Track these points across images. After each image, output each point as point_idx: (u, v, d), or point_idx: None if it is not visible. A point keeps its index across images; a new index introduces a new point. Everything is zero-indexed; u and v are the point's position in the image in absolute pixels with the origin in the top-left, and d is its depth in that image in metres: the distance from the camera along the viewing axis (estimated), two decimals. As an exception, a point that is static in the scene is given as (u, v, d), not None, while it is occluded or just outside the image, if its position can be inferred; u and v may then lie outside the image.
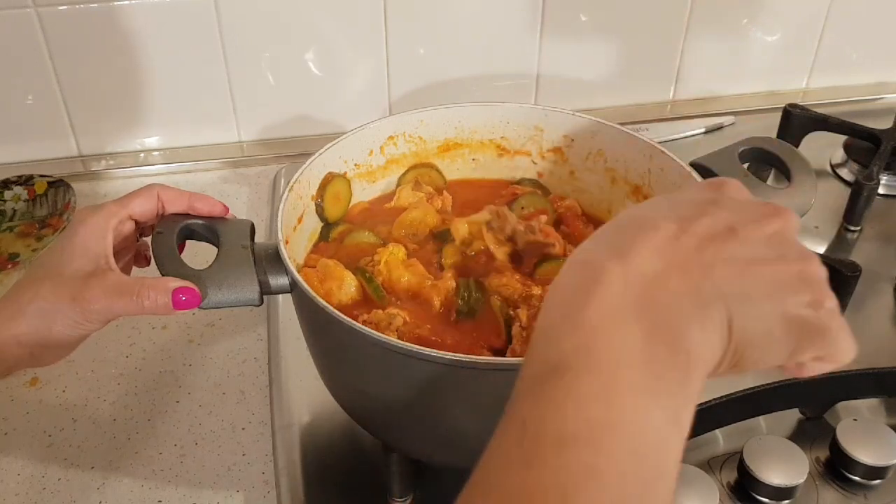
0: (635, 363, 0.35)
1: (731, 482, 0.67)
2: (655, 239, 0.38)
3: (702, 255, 0.38)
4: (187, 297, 0.55)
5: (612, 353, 0.35)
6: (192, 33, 0.98)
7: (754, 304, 0.38)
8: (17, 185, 0.96)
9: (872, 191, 0.90)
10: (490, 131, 0.77)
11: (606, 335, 0.36)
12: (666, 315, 0.36)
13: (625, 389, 0.35)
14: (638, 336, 0.36)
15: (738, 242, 0.39)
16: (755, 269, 0.38)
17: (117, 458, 0.71)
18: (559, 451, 0.33)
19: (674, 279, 0.37)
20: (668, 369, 0.35)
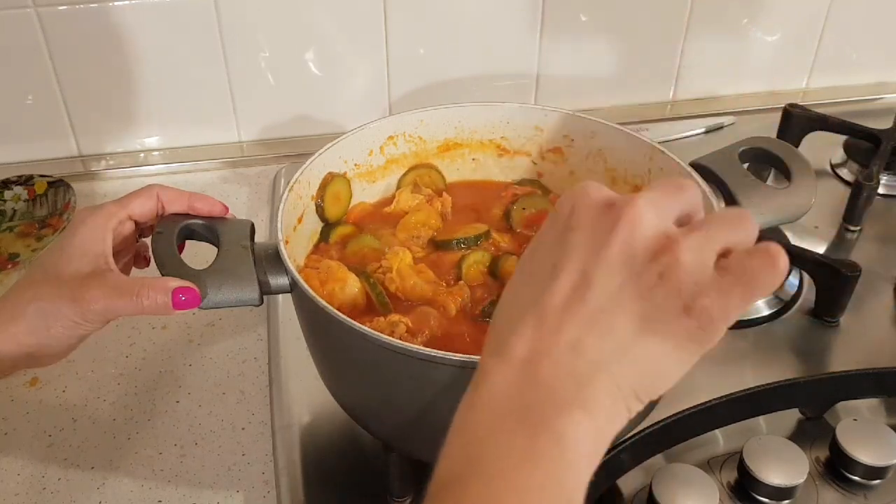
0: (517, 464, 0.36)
1: (731, 482, 0.67)
2: (523, 332, 0.39)
3: (565, 334, 0.38)
4: (187, 297, 0.55)
5: (497, 459, 0.37)
6: (192, 33, 0.98)
7: (627, 349, 0.38)
8: (17, 184, 0.96)
9: (872, 191, 0.90)
10: (490, 131, 0.77)
11: (491, 444, 0.37)
12: (543, 410, 0.37)
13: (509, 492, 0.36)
14: (520, 437, 0.37)
15: (594, 290, 0.38)
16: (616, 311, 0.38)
17: (117, 458, 0.71)
18: None
19: (546, 369, 0.38)
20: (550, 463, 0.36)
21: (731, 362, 0.77)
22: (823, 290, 0.79)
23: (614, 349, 0.38)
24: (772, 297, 0.82)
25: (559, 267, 0.40)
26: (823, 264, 0.78)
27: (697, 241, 0.39)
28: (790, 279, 0.83)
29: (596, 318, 0.38)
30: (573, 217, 0.41)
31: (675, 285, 0.38)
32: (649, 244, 0.39)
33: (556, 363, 0.38)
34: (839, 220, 0.93)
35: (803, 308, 0.81)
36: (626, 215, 0.39)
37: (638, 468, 0.67)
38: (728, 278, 0.38)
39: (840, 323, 0.80)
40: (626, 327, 0.38)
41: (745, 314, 0.80)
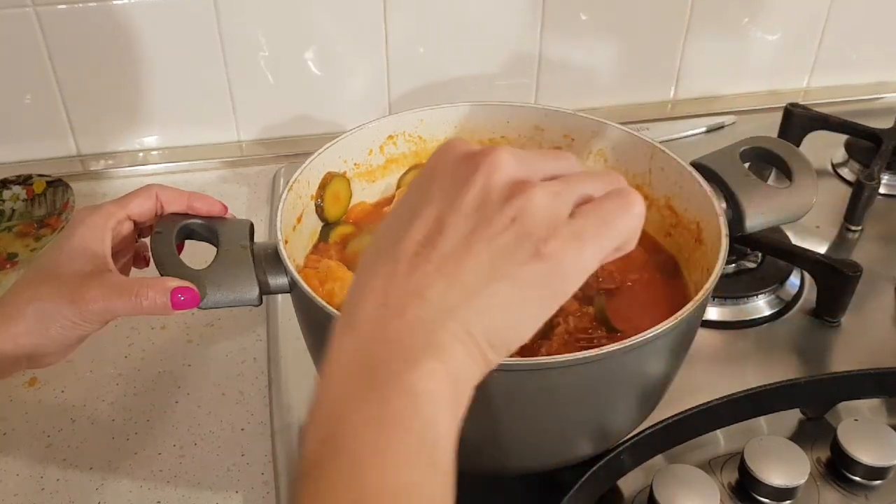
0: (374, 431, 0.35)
1: (731, 483, 0.67)
2: (374, 285, 0.38)
3: (413, 280, 0.37)
4: (186, 297, 0.55)
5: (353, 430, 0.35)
6: (192, 33, 0.98)
7: (474, 292, 0.37)
8: (16, 184, 0.96)
9: (873, 190, 0.90)
10: (490, 131, 0.77)
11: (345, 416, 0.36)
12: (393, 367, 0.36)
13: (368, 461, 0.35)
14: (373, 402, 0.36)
15: (447, 235, 0.37)
16: (465, 257, 0.37)
17: (116, 459, 0.70)
18: None
19: (393, 324, 0.37)
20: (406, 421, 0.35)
21: (732, 362, 0.76)
22: (824, 290, 0.79)
23: (462, 295, 0.37)
24: (773, 297, 0.81)
25: (415, 215, 0.39)
26: (824, 264, 0.78)
27: (554, 188, 0.38)
28: (791, 279, 0.83)
29: (444, 264, 0.37)
30: (435, 169, 0.40)
31: (526, 228, 0.37)
32: (505, 189, 0.38)
33: (402, 316, 0.37)
34: (840, 219, 0.93)
35: (804, 308, 0.81)
36: (485, 161, 0.39)
37: (638, 469, 0.67)
38: (580, 220, 0.38)
39: (841, 323, 0.80)
40: (476, 273, 0.37)
41: (747, 315, 0.80)
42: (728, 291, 0.81)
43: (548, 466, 0.63)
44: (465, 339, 0.37)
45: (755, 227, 0.65)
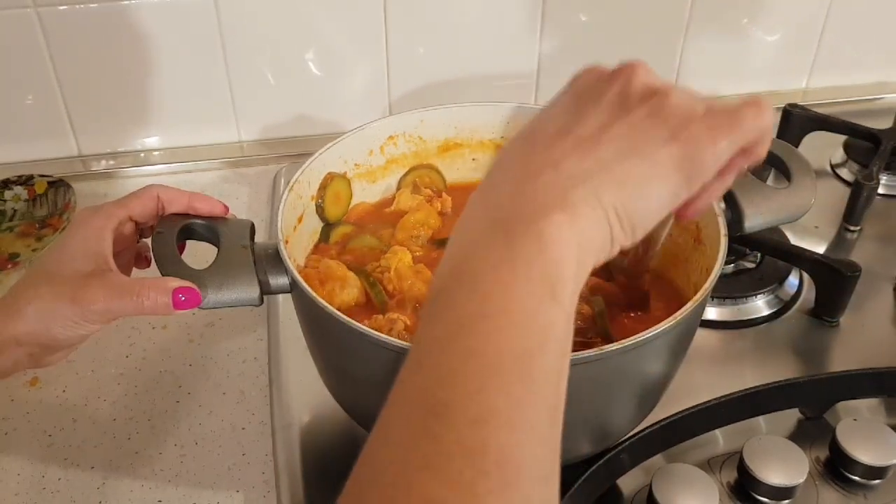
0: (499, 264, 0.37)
1: (730, 482, 0.67)
2: (511, 164, 0.41)
3: (549, 153, 0.40)
4: (187, 297, 0.55)
5: (479, 263, 0.38)
6: (192, 33, 0.98)
7: (609, 166, 0.39)
8: (17, 184, 0.96)
9: (872, 191, 0.90)
10: (490, 131, 0.77)
11: (473, 253, 0.39)
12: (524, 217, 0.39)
13: (493, 286, 0.37)
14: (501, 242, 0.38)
15: (585, 123, 0.41)
16: (603, 138, 0.40)
17: (117, 458, 0.71)
18: (440, 348, 0.36)
19: (528, 185, 0.40)
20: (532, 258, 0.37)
21: (731, 362, 0.77)
22: (823, 289, 0.80)
23: (597, 166, 0.40)
24: (772, 297, 0.82)
25: (554, 114, 0.42)
26: (823, 264, 0.78)
27: (690, 91, 0.42)
28: (790, 279, 0.83)
29: (581, 143, 0.40)
30: (574, 83, 0.44)
31: (663, 118, 0.40)
32: (643, 89, 0.42)
33: (535, 180, 0.40)
34: (839, 219, 0.93)
35: (803, 308, 0.81)
36: (623, 69, 0.43)
37: (638, 468, 0.67)
38: (716, 115, 0.41)
39: (840, 323, 0.80)
40: (612, 149, 0.40)
41: (746, 315, 0.80)
42: (727, 291, 0.81)
43: (547, 466, 0.63)
44: (594, 203, 0.39)
45: (754, 227, 0.65)
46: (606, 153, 0.40)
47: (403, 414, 0.35)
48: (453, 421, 0.33)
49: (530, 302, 0.37)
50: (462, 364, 0.35)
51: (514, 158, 0.42)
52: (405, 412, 0.35)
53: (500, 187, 0.41)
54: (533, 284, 0.37)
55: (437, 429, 0.33)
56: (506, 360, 0.35)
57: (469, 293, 0.37)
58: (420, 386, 0.35)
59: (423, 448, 0.33)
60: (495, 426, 0.33)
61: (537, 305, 0.37)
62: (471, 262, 0.38)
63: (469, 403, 0.34)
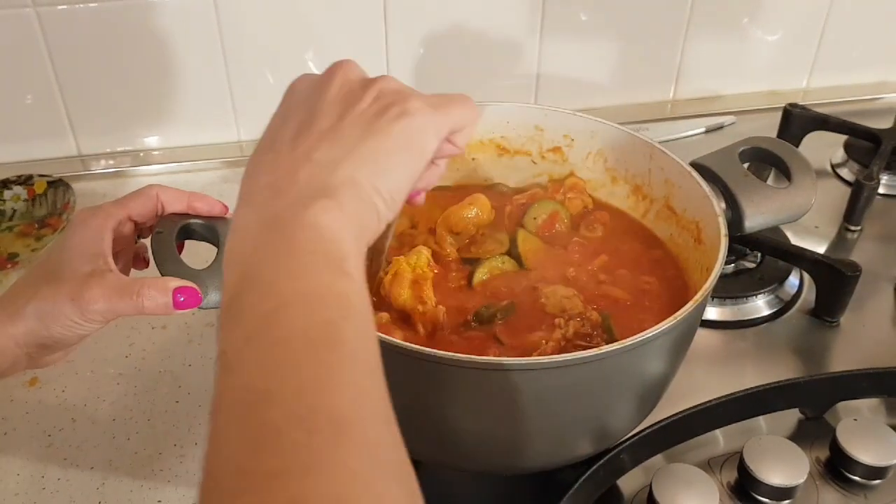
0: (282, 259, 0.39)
1: (731, 482, 0.67)
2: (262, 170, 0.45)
3: (297, 152, 0.44)
4: (187, 297, 0.55)
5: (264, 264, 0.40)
6: (192, 33, 0.98)
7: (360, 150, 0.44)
8: (17, 184, 0.96)
9: (873, 190, 0.90)
10: (490, 131, 0.77)
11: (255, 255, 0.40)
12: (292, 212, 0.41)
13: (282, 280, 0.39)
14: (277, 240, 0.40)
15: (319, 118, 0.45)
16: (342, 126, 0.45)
17: (117, 458, 0.71)
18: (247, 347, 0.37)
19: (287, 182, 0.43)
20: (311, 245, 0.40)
21: (732, 362, 0.77)
22: (824, 289, 0.79)
23: (344, 152, 0.44)
24: (772, 297, 0.82)
25: (284, 120, 0.47)
26: (824, 264, 0.78)
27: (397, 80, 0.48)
28: (790, 279, 0.83)
29: (323, 136, 0.44)
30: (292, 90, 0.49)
31: (389, 99, 0.46)
32: (361, 80, 0.48)
33: (292, 175, 0.43)
34: (839, 219, 0.93)
35: (803, 308, 0.81)
36: (336, 67, 0.48)
37: (638, 468, 0.67)
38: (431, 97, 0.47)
39: (840, 323, 0.80)
40: (353, 135, 0.44)
41: (746, 315, 0.80)
42: (727, 291, 0.81)
43: (548, 466, 0.63)
44: (352, 185, 0.43)
45: (754, 227, 0.65)
46: (350, 138, 0.44)
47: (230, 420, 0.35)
48: (279, 400, 0.34)
49: (321, 281, 0.39)
50: (273, 353, 0.36)
51: (262, 165, 0.45)
52: (231, 418, 0.35)
53: (262, 192, 0.43)
54: (319, 266, 0.39)
55: (264, 415, 0.34)
56: (312, 335, 0.36)
57: (261, 292, 0.38)
58: (238, 386, 0.36)
59: (254, 434, 0.33)
60: (319, 391, 0.34)
61: (329, 282, 0.39)
62: (254, 264, 0.40)
63: (289, 381, 0.35)
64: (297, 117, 0.46)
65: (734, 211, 0.65)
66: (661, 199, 0.72)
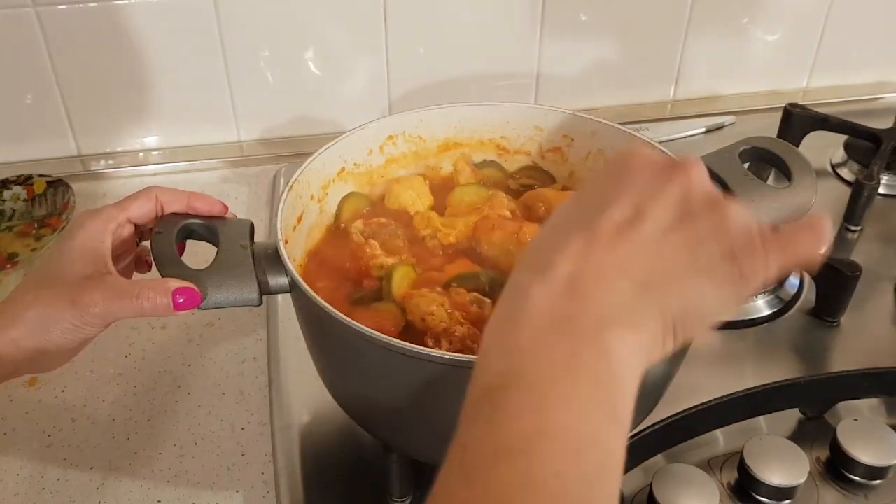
0: (561, 373, 0.36)
1: (731, 482, 0.67)
2: (571, 251, 0.39)
3: (614, 254, 0.39)
4: (187, 298, 0.55)
5: (540, 368, 0.36)
6: (192, 33, 0.98)
7: (674, 278, 0.39)
8: (17, 184, 0.96)
9: (873, 190, 0.90)
10: (490, 131, 0.77)
11: (534, 354, 0.37)
12: (588, 324, 0.37)
13: (554, 398, 0.36)
14: (564, 349, 0.37)
15: (647, 222, 0.40)
16: (666, 244, 0.39)
17: (116, 459, 0.71)
18: (495, 465, 0.34)
19: (591, 286, 0.38)
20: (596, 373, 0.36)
21: (732, 362, 0.77)
22: (824, 289, 0.79)
23: (663, 277, 0.39)
24: (772, 297, 0.81)
25: (613, 200, 0.41)
26: (824, 264, 0.78)
27: (744, 209, 0.41)
28: (790, 279, 0.83)
29: (646, 246, 0.39)
30: (631, 164, 0.43)
31: (724, 233, 0.40)
32: (705, 195, 0.41)
33: (601, 281, 0.38)
34: (839, 219, 0.93)
35: (804, 308, 0.81)
36: (686, 167, 0.42)
37: (638, 468, 0.67)
38: (774, 239, 0.41)
39: (840, 323, 0.80)
40: (676, 260, 0.39)
41: (745, 314, 0.80)
42: (727, 291, 0.81)
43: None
44: (657, 316, 0.39)
45: (755, 227, 0.65)
46: (671, 262, 0.39)
47: None
48: None
49: (592, 422, 0.35)
50: (516, 489, 0.33)
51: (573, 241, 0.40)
52: None
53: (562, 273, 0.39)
54: (595, 403, 0.36)
55: None
56: (563, 487, 0.34)
57: (527, 402, 0.35)
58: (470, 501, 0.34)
59: None
60: None
61: (598, 427, 0.36)
62: (529, 362, 0.37)
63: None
64: (624, 202, 0.41)
65: (734, 211, 0.65)
66: (662, 199, 0.71)
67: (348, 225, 0.72)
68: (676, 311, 0.39)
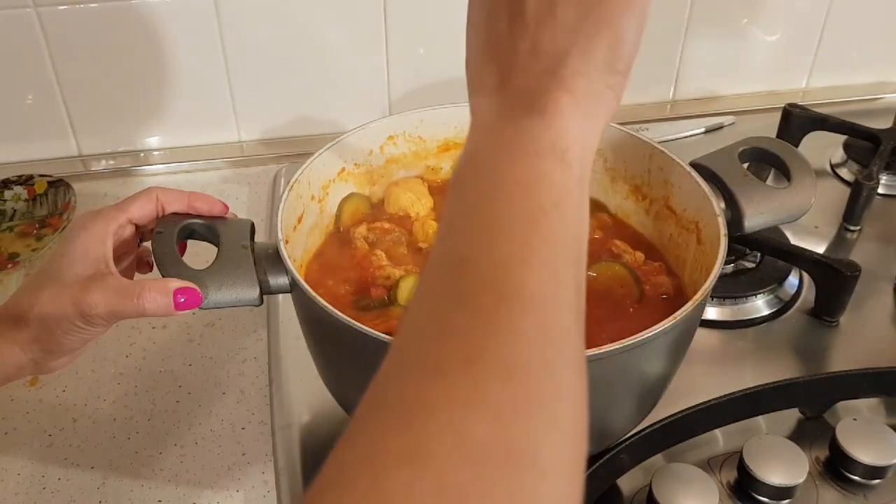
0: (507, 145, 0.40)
1: (730, 482, 0.67)
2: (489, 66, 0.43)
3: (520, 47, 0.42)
4: (187, 298, 0.55)
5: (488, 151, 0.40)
6: (192, 33, 0.98)
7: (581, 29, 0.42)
8: (17, 184, 0.96)
9: (872, 191, 0.90)
10: (490, 131, 0.77)
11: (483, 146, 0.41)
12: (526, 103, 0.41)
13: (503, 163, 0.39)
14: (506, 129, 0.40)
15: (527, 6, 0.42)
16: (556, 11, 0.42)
17: (117, 458, 0.71)
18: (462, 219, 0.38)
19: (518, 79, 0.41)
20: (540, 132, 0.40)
21: (731, 362, 0.77)
22: (823, 289, 0.80)
23: (568, 35, 0.41)
24: (771, 297, 0.82)
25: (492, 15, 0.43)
26: (823, 264, 0.78)
27: None
28: (790, 279, 0.83)
29: (541, 22, 0.42)
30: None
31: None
32: None
33: (524, 70, 0.41)
34: (839, 219, 0.93)
35: (803, 308, 0.81)
36: None
37: (638, 468, 0.67)
38: None
39: (840, 323, 0.80)
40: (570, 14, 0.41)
41: (745, 315, 0.80)
42: (727, 291, 0.81)
43: (547, 465, 0.63)
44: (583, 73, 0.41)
45: (754, 227, 0.65)
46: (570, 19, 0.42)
47: (431, 279, 0.37)
48: (475, 267, 0.35)
49: (540, 168, 0.39)
50: (481, 227, 0.37)
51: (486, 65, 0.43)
52: (433, 277, 0.37)
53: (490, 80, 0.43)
54: (542, 155, 0.39)
55: (460, 277, 0.35)
56: (519, 217, 0.37)
57: (482, 174, 0.40)
58: (443, 252, 0.38)
59: (448, 293, 0.35)
60: (514, 266, 0.35)
61: (548, 170, 0.39)
62: (481, 150, 0.41)
63: (489, 252, 0.36)
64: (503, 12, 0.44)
65: (734, 211, 0.65)
66: (661, 199, 0.72)
67: (351, 229, 0.72)
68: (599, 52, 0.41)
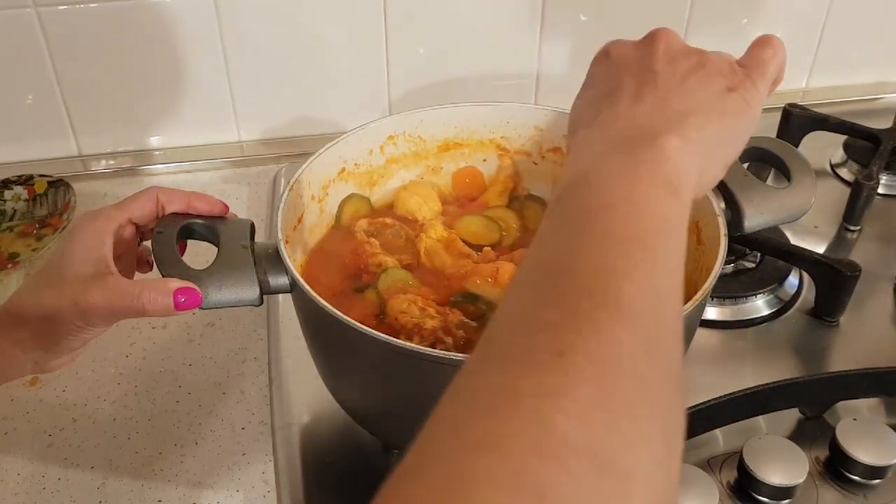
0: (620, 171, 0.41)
1: (730, 482, 0.67)
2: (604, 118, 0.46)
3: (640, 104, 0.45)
4: (188, 298, 0.55)
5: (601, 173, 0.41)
6: (193, 33, 0.98)
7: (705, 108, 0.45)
8: (17, 184, 0.96)
9: (872, 191, 0.90)
10: (490, 131, 0.77)
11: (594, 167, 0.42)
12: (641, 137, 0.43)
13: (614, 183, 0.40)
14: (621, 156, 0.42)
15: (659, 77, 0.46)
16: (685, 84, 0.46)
17: (117, 458, 0.71)
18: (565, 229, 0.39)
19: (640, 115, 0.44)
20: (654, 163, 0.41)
21: (731, 362, 0.77)
22: (823, 289, 0.80)
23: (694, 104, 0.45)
24: (771, 297, 0.82)
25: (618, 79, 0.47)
26: (823, 264, 0.78)
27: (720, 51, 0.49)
28: (790, 279, 0.83)
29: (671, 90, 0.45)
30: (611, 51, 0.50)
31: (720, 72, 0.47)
32: (686, 48, 0.48)
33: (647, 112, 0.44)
34: (839, 219, 0.93)
35: (803, 308, 0.81)
36: (656, 32, 0.49)
37: (638, 468, 0.67)
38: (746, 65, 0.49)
39: (840, 323, 0.80)
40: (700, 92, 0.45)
41: (745, 315, 0.80)
42: (727, 291, 0.81)
43: (547, 465, 0.63)
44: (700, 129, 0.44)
45: (754, 227, 0.65)
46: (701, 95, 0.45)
47: (525, 280, 0.37)
48: (574, 273, 0.35)
49: (651, 196, 0.39)
50: (585, 237, 0.37)
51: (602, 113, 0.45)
52: (527, 278, 0.37)
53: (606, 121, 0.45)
54: (655, 185, 0.40)
55: (559, 280, 0.35)
56: (629, 233, 0.37)
57: (594, 191, 0.40)
58: (541, 257, 0.38)
59: (544, 293, 0.35)
60: (615, 276, 0.35)
61: (659, 199, 0.40)
62: (592, 171, 0.41)
63: (590, 261, 0.36)
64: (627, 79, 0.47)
65: (734, 211, 0.65)
66: (661, 199, 0.71)
67: (353, 223, 0.72)
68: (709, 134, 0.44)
